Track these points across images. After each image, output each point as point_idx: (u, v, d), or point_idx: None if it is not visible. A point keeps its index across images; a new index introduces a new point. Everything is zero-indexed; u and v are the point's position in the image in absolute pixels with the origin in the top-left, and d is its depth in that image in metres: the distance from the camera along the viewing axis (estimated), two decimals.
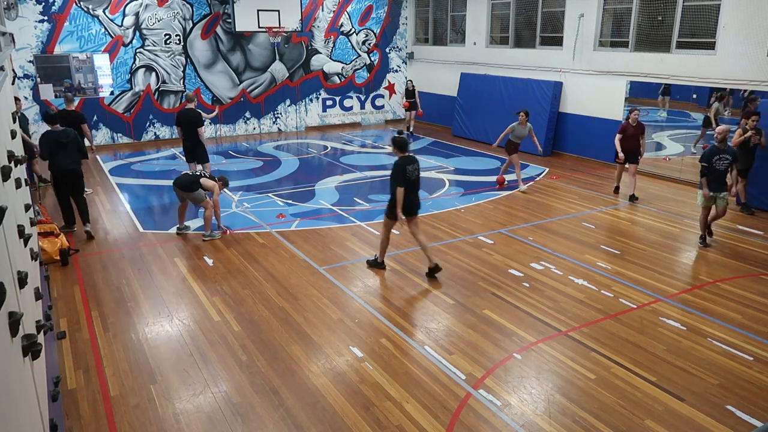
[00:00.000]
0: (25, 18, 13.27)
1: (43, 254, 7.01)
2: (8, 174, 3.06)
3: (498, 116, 15.06)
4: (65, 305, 6.34)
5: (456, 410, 4.53)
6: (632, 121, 9.98)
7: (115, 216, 9.47)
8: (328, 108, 18.08)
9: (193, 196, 8.05)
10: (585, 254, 7.74)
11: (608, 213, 9.62)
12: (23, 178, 4.99)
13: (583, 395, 4.72)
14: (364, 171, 12.40)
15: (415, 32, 18.68)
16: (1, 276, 2.14)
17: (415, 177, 6.79)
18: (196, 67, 15.65)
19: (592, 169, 12.68)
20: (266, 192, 10.74)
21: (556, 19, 13.80)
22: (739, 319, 6.00)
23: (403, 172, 6.63)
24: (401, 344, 5.51)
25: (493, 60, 15.56)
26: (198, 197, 8.08)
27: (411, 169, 6.72)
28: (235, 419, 4.43)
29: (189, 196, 8.09)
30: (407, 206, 6.76)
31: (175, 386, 4.86)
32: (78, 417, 4.48)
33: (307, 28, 16.91)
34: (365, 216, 9.34)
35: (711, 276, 7.09)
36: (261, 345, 5.49)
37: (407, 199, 6.72)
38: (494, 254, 7.73)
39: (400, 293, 6.62)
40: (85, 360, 5.27)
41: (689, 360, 5.25)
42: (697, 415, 4.49)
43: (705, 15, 10.72)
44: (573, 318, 6.01)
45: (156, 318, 6.07)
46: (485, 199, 10.26)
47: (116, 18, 14.40)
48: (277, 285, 6.81)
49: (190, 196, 8.07)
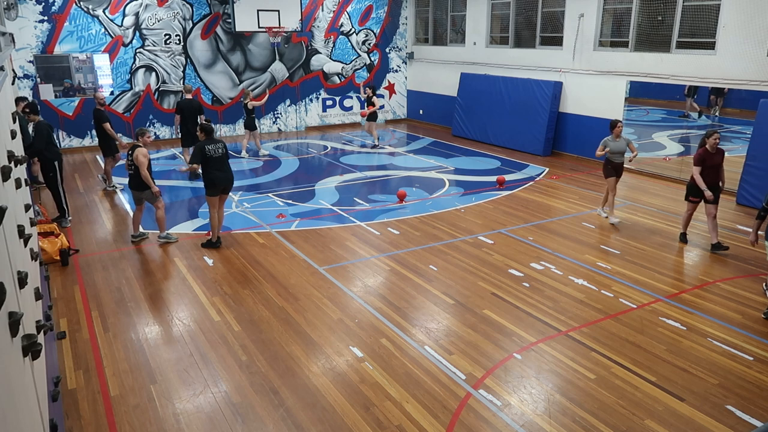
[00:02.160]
0: (25, 18, 13.27)
1: (43, 254, 7.01)
2: (8, 174, 3.06)
3: (498, 116, 15.09)
4: (65, 305, 6.34)
5: (456, 410, 4.53)
6: (711, 148, 7.61)
7: (115, 216, 9.47)
8: (328, 108, 18.08)
9: (147, 194, 7.87)
10: (585, 254, 7.74)
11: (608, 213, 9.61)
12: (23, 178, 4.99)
13: (583, 395, 4.72)
14: (364, 171, 12.40)
15: (415, 32, 18.68)
16: (1, 276, 2.13)
17: (219, 154, 7.70)
18: (196, 67, 15.65)
19: (592, 169, 12.68)
20: (266, 192, 10.75)
21: (556, 19, 13.80)
22: (739, 319, 6.00)
23: (203, 151, 7.60)
24: (401, 344, 5.52)
25: (493, 60, 15.56)
26: (151, 195, 7.87)
27: (212, 148, 7.65)
28: (235, 419, 4.43)
29: (144, 195, 7.90)
30: (221, 181, 7.75)
31: (175, 386, 4.86)
32: (78, 417, 4.48)
33: (307, 28, 16.91)
34: (365, 216, 9.34)
35: (711, 276, 7.09)
36: (261, 345, 5.49)
37: (217, 176, 7.70)
38: (494, 254, 7.73)
39: (400, 293, 6.62)
40: (85, 360, 5.27)
41: (689, 360, 5.25)
42: (697, 415, 4.49)
43: (705, 15, 10.72)
44: (573, 318, 6.01)
45: (156, 318, 6.07)
46: (485, 199, 10.26)
47: (116, 18, 14.39)
48: (277, 285, 6.81)
49: (145, 194, 7.88)
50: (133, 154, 7.64)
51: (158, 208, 8.01)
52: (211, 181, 7.70)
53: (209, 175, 7.69)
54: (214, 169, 7.67)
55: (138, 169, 7.65)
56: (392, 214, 9.41)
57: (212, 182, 7.70)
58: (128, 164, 7.77)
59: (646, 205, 9.96)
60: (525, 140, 14.33)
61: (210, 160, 7.62)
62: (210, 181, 7.70)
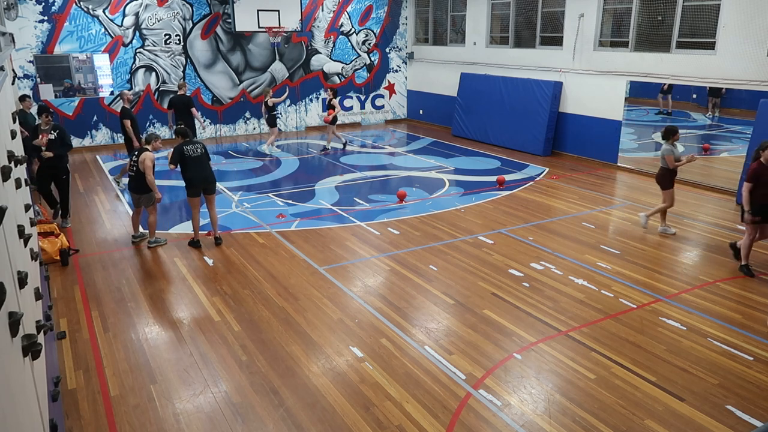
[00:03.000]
0: (25, 18, 13.27)
1: (43, 254, 7.01)
2: (8, 174, 3.06)
3: (498, 116, 15.09)
4: (65, 305, 6.34)
5: (456, 410, 4.53)
6: (767, 161, 6.71)
7: (115, 216, 9.47)
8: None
9: (147, 197, 7.86)
10: (585, 254, 7.74)
11: (608, 213, 9.62)
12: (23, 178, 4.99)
13: (583, 395, 4.72)
14: (364, 171, 12.40)
15: (415, 32, 18.68)
16: (1, 276, 2.13)
17: (198, 154, 7.77)
18: (196, 67, 15.65)
19: (592, 169, 12.68)
20: (266, 192, 10.75)
21: (556, 19, 13.80)
22: (739, 319, 6.00)
23: (181, 153, 7.67)
24: (401, 344, 5.52)
25: (493, 60, 15.56)
26: (149, 199, 7.86)
27: (190, 149, 7.73)
28: (235, 419, 4.43)
29: (142, 199, 7.88)
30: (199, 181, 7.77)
31: (175, 386, 4.86)
32: (78, 417, 4.48)
33: (307, 28, 16.91)
34: (365, 216, 9.34)
35: (711, 276, 7.09)
36: (261, 345, 5.49)
37: (194, 176, 7.74)
38: (494, 254, 7.73)
39: (400, 293, 6.62)
40: (85, 360, 5.27)
41: (689, 360, 5.25)
42: (697, 415, 4.49)
43: (705, 15, 10.71)
44: (573, 318, 6.01)
45: (156, 318, 6.07)
46: (485, 199, 10.26)
47: (116, 18, 14.39)
48: (277, 285, 6.81)
49: (144, 198, 7.87)
50: (140, 157, 7.65)
51: (151, 213, 8.00)
52: (189, 181, 7.76)
53: (187, 175, 7.76)
54: (191, 169, 7.73)
55: (141, 172, 7.64)
56: (392, 214, 9.41)
57: (190, 182, 7.77)
58: (131, 165, 7.78)
59: (646, 205, 9.95)
60: (525, 140, 14.33)
61: (188, 160, 7.69)
62: (188, 180, 7.77)
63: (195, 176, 7.75)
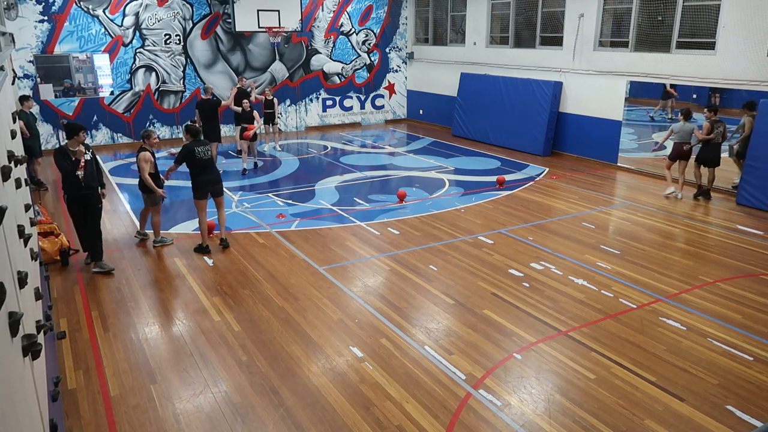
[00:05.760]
0: (25, 18, 13.26)
1: (43, 254, 7.01)
2: (8, 174, 3.06)
3: (498, 116, 15.09)
4: (65, 305, 6.34)
5: (456, 410, 4.53)
6: None
7: (115, 216, 9.47)
8: (328, 108, 18.08)
9: (148, 198, 7.84)
10: (585, 254, 7.74)
11: (608, 213, 9.62)
12: (23, 178, 4.99)
13: (583, 395, 4.72)
14: (364, 171, 12.40)
15: (415, 32, 18.68)
16: (1, 276, 2.14)
17: (207, 156, 7.64)
18: (196, 67, 15.65)
19: (592, 169, 12.69)
20: (266, 192, 10.75)
21: (556, 19, 13.80)
22: (739, 319, 6.00)
23: (192, 153, 7.49)
24: (401, 344, 5.52)
25: (493, 60, 15.56)
26: (152, 199, 7.84)
27: (201, 150, 7.56)
28: (235, 419, 4.43)
29: (147, 199, 7.87)
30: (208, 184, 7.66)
31: (175, 386, 4.86)
32: (78, 417, 4.48)
33: (307, 28, 16.91)
34: (365, 216, 9.34)
35: (711, 276, 7.09)
36: (261, 345, 5.49)
37: (204, 179, 7.62)
38: (494, 254, 7.73)
39: (400, 293, 6.62)
40: (85, 360, 5.27)
41: (689, 360, 5.25)
42: (697, 415, 4.49)
43: (705, 15, 10.71)
44: (573, 318, 6.01)
45: (156, 318, 6.07)
46: (485, 199, 10.26)
47: (116, 18, 14.39)
48: (277, 285, 6.81)
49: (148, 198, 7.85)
50: (137, 156, 7.63)
51: (154, 214, 7.96)
52: (198, 184, 7.62)
53: (196, 178, 7.61)
54: (201, 171, 7.58)
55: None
56: (392, 214, 9.41)
57: (199, 185, 7.63)
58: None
59: (646, 205, 9.96)
60: (525, 140, 14.33)
61: (199, 162, 7.54)
62: (197, 184, 7.63)
63: (206, 180, 7.60)
